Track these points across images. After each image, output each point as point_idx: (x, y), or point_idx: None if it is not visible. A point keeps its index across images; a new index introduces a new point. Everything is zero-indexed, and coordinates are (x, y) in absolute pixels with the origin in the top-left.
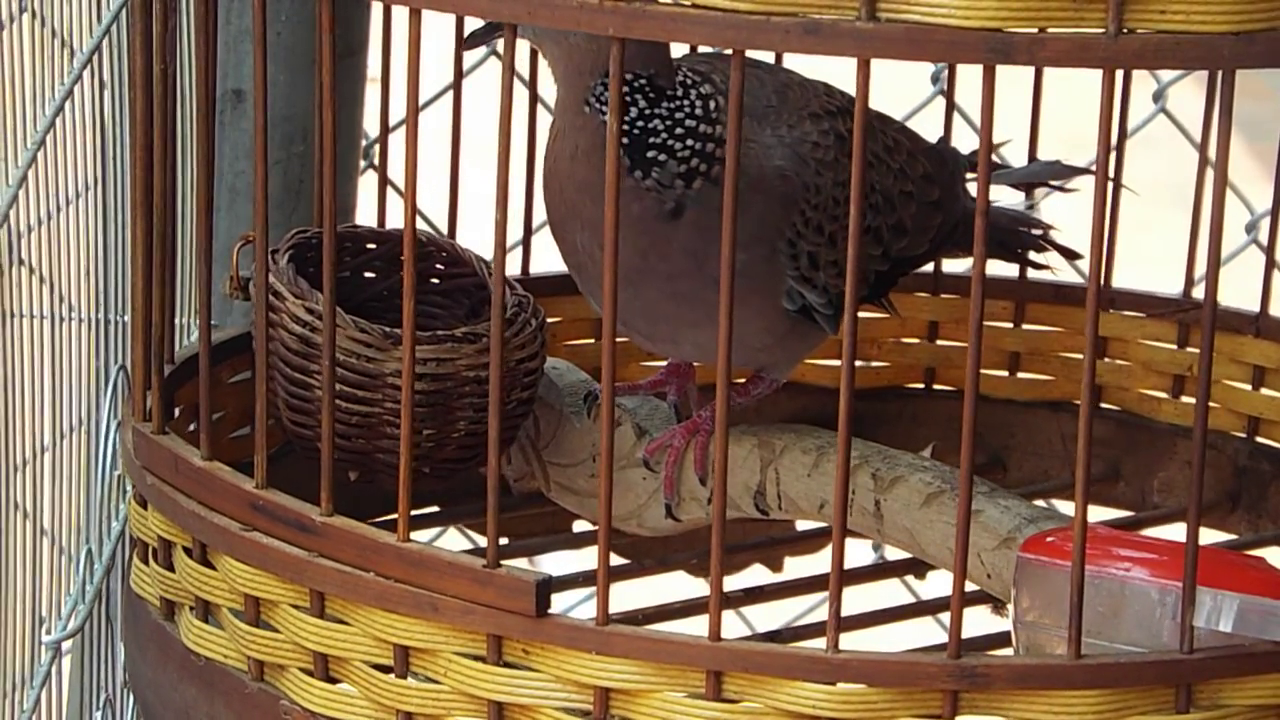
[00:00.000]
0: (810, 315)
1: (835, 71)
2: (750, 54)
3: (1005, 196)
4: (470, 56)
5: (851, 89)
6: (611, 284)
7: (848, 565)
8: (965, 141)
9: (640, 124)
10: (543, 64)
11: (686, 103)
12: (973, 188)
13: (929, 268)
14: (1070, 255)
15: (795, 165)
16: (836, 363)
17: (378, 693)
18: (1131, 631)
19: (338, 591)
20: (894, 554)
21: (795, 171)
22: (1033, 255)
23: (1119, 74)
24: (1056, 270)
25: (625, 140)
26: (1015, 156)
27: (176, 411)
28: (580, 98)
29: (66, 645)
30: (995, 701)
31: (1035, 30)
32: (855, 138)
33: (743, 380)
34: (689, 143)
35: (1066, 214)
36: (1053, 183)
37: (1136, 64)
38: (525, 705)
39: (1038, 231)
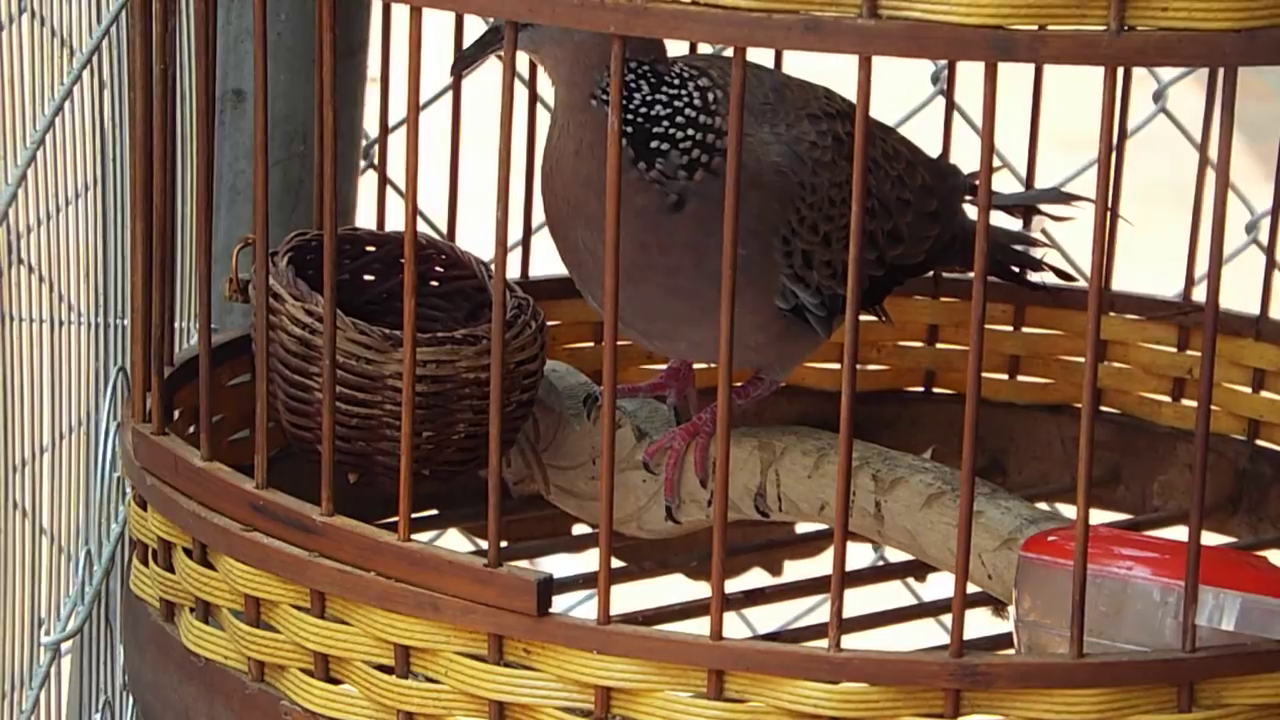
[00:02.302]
0: (804, 316)
1: (835, 70)
2: (749, 55)
3: (1003, 220)
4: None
5: (852, 89)
6: (613, 281)
7: (848, 568)
8: (966, 142)
9: (644, 110)
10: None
11: (685, 93)
12: (972, 211)
13: (929, 272)
14: (1066, 276)
15: (792, 162)
16: (836, 366)
17: (378, 693)
18: (1133, 631)
19: (338, 591)
20: (895, 556)
21: (791, 169)
22: (1030, 275)
23: (1120, 72)
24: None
25: (629, 129)
26: (1016, 155)
27: (176, 415)
28: (585, 94)
29: (66, 646)
30: (997, 701)
31: (1037, 28)
32: (856, 136)
33: (741, 383)
34: (690, 132)
35: (1069, 215)
36: (1049, 210)
37: (1138, 61)
38: (526, 705)
39: (1037, 251)
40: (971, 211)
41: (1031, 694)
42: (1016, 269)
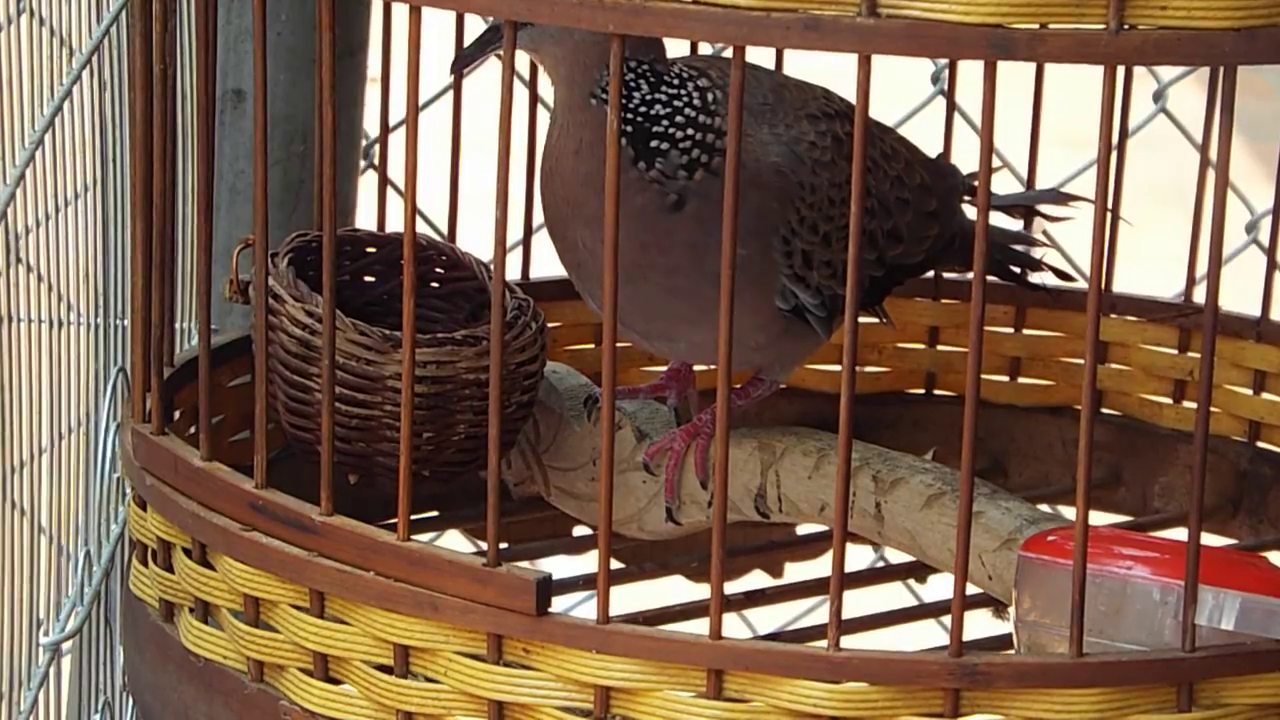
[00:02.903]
0: (804, 317)
1: (834, 69)
2: (749, 54)
3: (1002, 220)
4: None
5: (851, 89)
6: (613, 281)
7: (848, 569)
8: (966, 142)
9: (643, 110)
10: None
11: (684, 92)
12: (970, 210)
13: (929, 273)
14: (1066, 277)
15: (791, 163)
16: (836, 367)
17: (378, 693)
18: (1133, 630)
19: (338, 591)
20: (895, 557)
21: (791, 169)
22: (1030, 275)
23: (1120, 70)
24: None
25: (629, 129)
26: (1016, 156)
27: (176, 415)
28: (585, 92)
29: (65, 647)
30: (997, 700)
31: (1036, 26)
32: (855, 135)
33: (741, 384)
34: (689, 132)
35: (1067, 216)
36: (1048, 210)
37: (1138, 60)
38: (526, 704)
39: (1036, 252)
40: (971, 211)
41: (1031, 694)
42: (1016, 269)
